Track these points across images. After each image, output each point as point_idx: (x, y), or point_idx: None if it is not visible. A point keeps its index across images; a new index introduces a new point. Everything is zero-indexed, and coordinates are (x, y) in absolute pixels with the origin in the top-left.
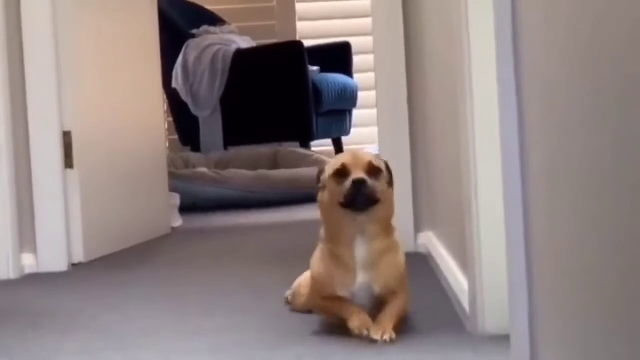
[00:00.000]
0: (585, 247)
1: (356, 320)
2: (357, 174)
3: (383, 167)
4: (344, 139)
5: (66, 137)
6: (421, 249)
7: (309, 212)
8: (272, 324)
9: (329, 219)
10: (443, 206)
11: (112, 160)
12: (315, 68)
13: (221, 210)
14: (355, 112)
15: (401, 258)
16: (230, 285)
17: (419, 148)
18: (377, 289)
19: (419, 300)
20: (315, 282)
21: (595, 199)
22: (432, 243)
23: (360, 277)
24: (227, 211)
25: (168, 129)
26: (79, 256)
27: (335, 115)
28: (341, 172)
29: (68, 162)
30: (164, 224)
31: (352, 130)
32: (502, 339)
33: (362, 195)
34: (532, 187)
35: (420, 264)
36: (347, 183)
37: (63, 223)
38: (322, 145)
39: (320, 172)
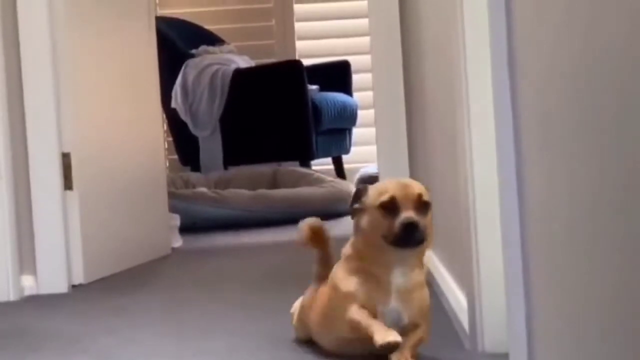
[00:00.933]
0: (583, 268)
1: (387, 335)
2: (408, 212)
3: (430, 200)
4: (344, 157)
5: (65, 158)
6: None
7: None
8: (271, 348)
9: (368, 244)
10: (442, 225)
11: (111, 181)
12: (314, 87)
13: (221, 230)
14: (356, 131)
15: (428, 292)
16: (230, 308)
17: (418, 167)
18: (405, 319)
19: None
20: (346, 297)
21: (594, 216)
22: (432, 262)
23: (394, 302)
24: (227, 231)
25: (168, 149)
26: (79, 278)
27: (335, 134)
28: (389, 206)
29: (67, 183)
30: (164, 244)
31: (353, 149)
32: (502, 358)
33: (413, 238)
34: (530, 208)
35: None
36: (397, 223)
37: (63, 245)
38: (322, 165)
39: (362, 191)
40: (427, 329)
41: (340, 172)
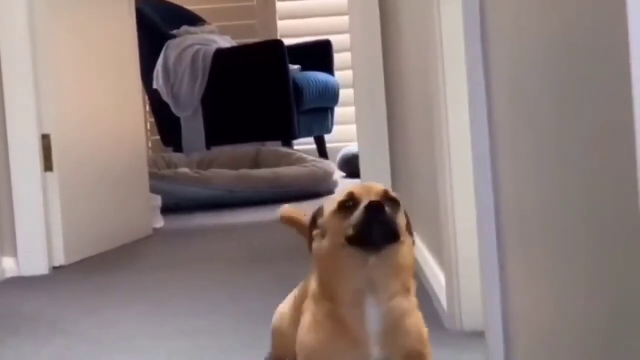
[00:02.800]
0: (556, 246)
1: None
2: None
3: (401, 201)
4: (326, 137)
5: (45, 140)
6: None
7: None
8: (252, 327)
9: (329, 269)
10: (422, 205)
11: (92, 162)
12: (296, 67)
13: (203, 211)
14: (338, 110)
15: (421, 318)
16: (212, 288)
17: (398, 147)
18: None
19: None
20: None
21: (564, 201)
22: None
23: (376, 354)
24: (210, 211)
25: (151, 131)
26: (60, 259)
27: (318, 113)
28: (349, 204)
29: (48, 165)
30: (145, 225)
31: (335, 128)
32: (480, 336)
33: (379, 224)
34: (503, 189)
35: None
36: (359, 211)
37: (43, 226)
38: (304, 144)
39: (317, 214)
40: (430, 356)
41: (322, 151)
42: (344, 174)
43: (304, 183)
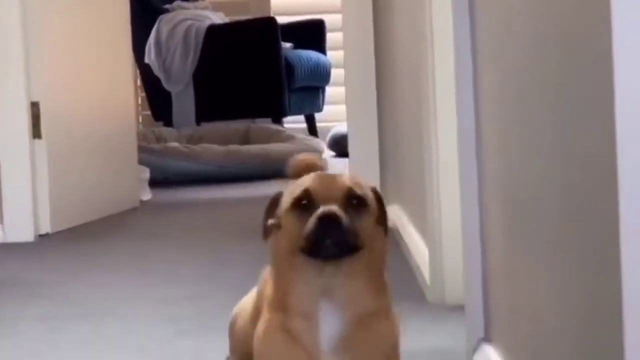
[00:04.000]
0: (536, 222)
1: None
2: (327, 205)
3: (370, 196)
4: (317, 116)
5: (34, 107)
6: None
7: (280, 188)
8: (235, 295)
9: (282, 274)
10: (408, 182)
11: (80, 132)
12: (288, 45)
13: (192, 185)
14: (329, 90)
15: (395, 321)
16: (196, 258)
17: (387, 125)
18: None
19: None
20: None
21: (545, 176)
22: (398, 216)
23: None
24: (198, 186)
25: (141, 105)
26: (46, 227)
27: (308, 92)
28: (304, 203)
29: (36, 132)
30: (132, 197)
31: (326, 107)
32: (462, 310)
33: (332, 238)
34: (488, 165)
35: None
36: (311, 222)
37: (30, 194)
38: (295, 123)
39: (275, 201)
40: None
41: (312, 130)
42: (334, 153)
43: None
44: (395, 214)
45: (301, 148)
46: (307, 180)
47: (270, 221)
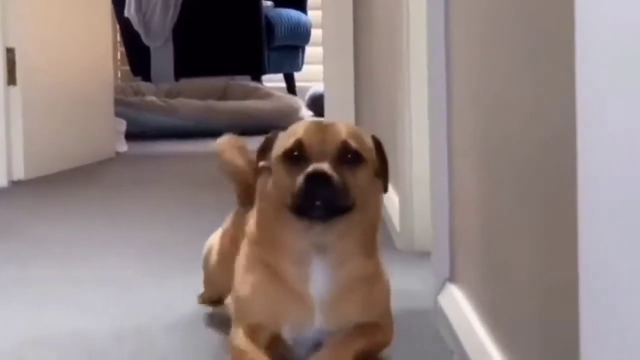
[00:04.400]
0: (499, 173)
1: None
2: (319, 162)
3: (369, 147)
4: (296, 75)
5: (9, 53)
6: None
7: (257, 144)
8: (200, 242)
9: (270, 221)
10: (383, 137)
11: (57, 81)
12: (269, 3)
13: (169, 139)
14: (309, 50)
15: (387, 285)
16: (170, 205)
17: (363, 84)
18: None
19: None
20: (240, 306)
21: (508, 124)
22: None
23: (318, 321)
24: (175, 140)
25: (121, 60)
26: (19, 173)
27: (288, 50)
28: (295, 155)
29: (11, 78)
30: (108, 148)
31: (305, 67)
32: (429, 256)
33: (321, 199)
34: (456, 118)
35: None
36: (300, 180)
37: (4, 139)
38: (274, 82)
39: (270, 141)
40: (389, 329)
41: (291, 89)
42: (312, 113)
43: (269, 116)
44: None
45: (278, 105)
46: (300, 130)
47: (262, 163)
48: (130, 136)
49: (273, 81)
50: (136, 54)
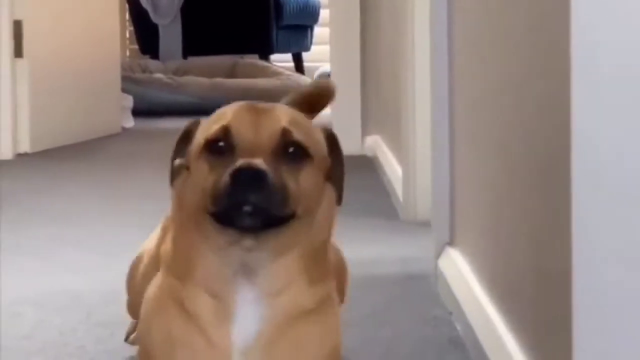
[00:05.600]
0: (497, 143)
1: None
2: (250, 156)
3: (316, 143)
4: (305, 55)
5: (17, 26)
6: (368, 152)
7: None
8: None
9: (183, 234)
10: (388, 111)
11: (64, 55)
12: None
13: (175, 116)
14: (318, 30)
15: (334, 340)
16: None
17: (369, 63)
18: None
19: (358, 197)
20: (144, 353)
21: (510, 104)
22: (379, 145)
23: None
24: (181, 117)
25: (129, 39)
26: (25, 146)
27: (297, 30)
28: (220, 146)
29: (18, 51)
30: (114, 123)
31: (314, 47)
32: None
33: (250, 204)
34: (456, 90)
35: (365, 165)
36: (224, 179)
37: (10, 112)
38: (283, 62)
39: (188, 133)
40: None
41: (299, 69)
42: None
43: (276, 95)
44: (375, 143)
45: (287, 83)
46: (228, 113)
47: (178, 161)
48: (137, 112)
49: (282, 61)
50: (144, 32)
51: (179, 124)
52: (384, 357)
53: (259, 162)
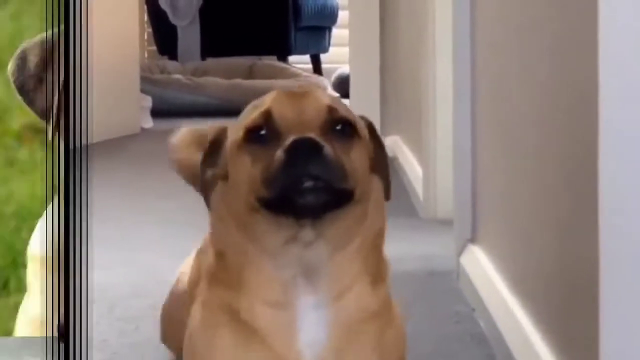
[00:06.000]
0: (521, 140)
1: None
2: (301, 132)
3: (361, 125)
4: (323, 57)
5: None
6: (388, 153)
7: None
8: None
9: (232, 242)
10: (407, 111)
11: None
12: None
13: (194, 117)
14: (336, 32)
15: (401, 343)
16: None
17: (388, 64)
18: None
19: None
20: None
21: (534, 102)
22: (398, 145)
23: None
24: (200, 117)
25: (147, 40)
26: None
27: (315, 31)
28: (262, 134)
29: None
30: (133, 123)
31: (332, 49)
32: (452, 223)
33: (311, 177)
34: (479, 89)
35: None
36: (278, 155)
37: None
38: (301, 63)
39: (216, 142)
40: None
41: (318, 70)
42: (338, 95)
43: None
44: (395, 144)
45: (304, 85)
46: (267, 100)
47: (211, 172)
48: (156, 113)
49: (300, 63)
50: (163, 33)
51: (198, 125)
52: (407, 353)
53: (313, 135)
